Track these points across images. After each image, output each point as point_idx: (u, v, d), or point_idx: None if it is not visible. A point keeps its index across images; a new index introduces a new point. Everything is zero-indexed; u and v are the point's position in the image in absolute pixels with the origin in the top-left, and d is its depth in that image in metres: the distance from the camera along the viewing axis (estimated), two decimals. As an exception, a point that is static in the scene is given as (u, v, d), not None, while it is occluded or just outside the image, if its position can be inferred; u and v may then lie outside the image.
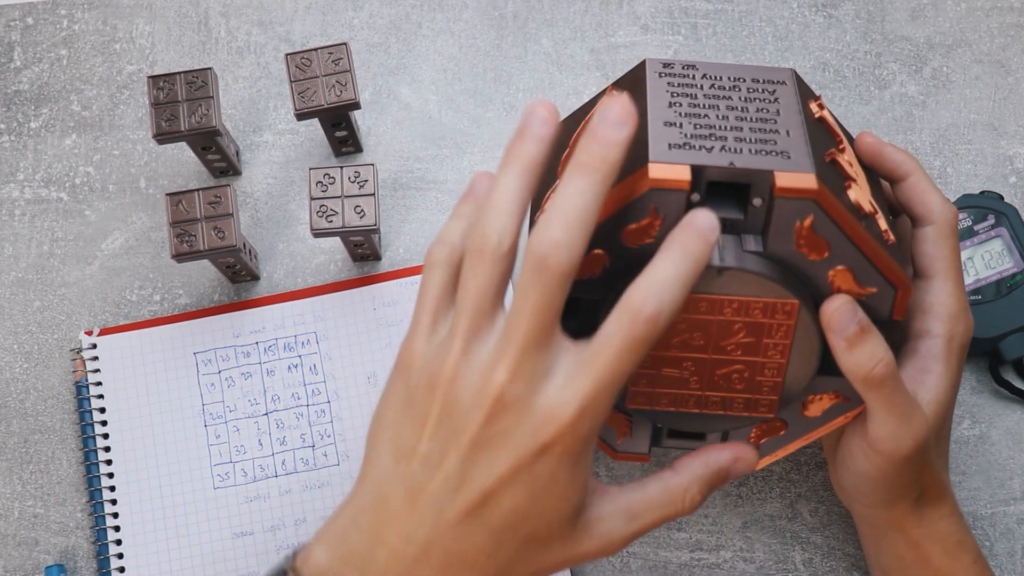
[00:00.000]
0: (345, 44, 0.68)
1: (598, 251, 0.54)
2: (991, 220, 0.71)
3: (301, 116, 0.68)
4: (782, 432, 0.60)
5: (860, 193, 0.54)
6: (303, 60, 0.68)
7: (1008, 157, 0.75)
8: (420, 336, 0.50)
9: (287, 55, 0.68)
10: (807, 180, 0.50)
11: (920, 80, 0.76)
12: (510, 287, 0.73)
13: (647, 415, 0.58)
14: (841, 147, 0.56)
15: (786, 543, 0.69)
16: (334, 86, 0.68)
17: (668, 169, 0.51)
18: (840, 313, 0.52)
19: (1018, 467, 0.70)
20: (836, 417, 0.58)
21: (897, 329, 0.57)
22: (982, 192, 0.72)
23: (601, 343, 0.47)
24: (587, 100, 0.77)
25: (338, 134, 0.73)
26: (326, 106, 0.68)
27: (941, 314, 0.57)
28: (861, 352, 0.52)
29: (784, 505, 0.70)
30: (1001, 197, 0.72)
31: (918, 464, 0.56)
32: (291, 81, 0.68)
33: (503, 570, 0.49)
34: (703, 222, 0.48)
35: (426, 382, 0.48)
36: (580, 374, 0.47)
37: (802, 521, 0.69)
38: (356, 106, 0.68)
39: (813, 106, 0.56)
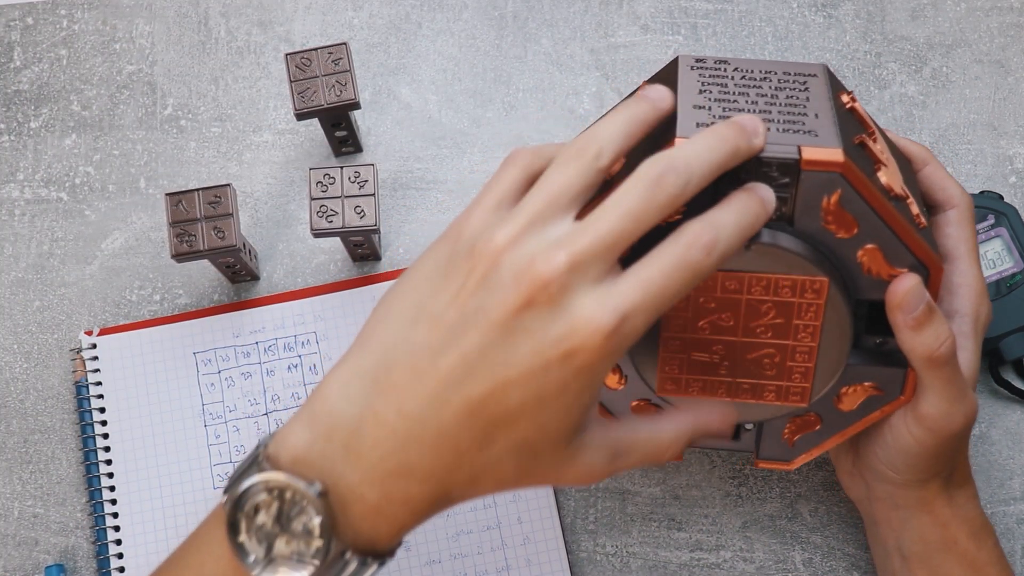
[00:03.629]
0: (345, 44, 0.68)
1: None
2: (991, 220, 0.71)
3: (301, 116, 0.68)
4: (817, 427, 0.59)
5: (891, 176, 0.54)
6: (303, 60, 0.68)
7: (1008, 157, 0.75)
8: (480, 210, 0.47)
9: (287, 55, 0.68)
10: (834, 154, 0.50)
11: (920, 80, 0.76)
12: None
13: (677, 402, 0.58)
14: (872, 135, 0.56)
15: (786, 543, 0.69)
16: (334, 86, 0.68)
17: None
18: (912, 293, 0.52)
19: (1018, 467, 0.70)
20: (873, 411, 0.58)
21: None
22: (982, 192, 0.72)
23: (653, 258, 0.45)
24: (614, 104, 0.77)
25: (338, 134, 0.73)
26: (326, 106, 0.68)
27: (969, 293, 0.59)
28: (928, 332, 0.53)
29: (784, 505, 0.70)
30: (1001, 197, 0.72)
31: (961, 442, 0.57)
32: (291, 81, 0.68)
33: (489, 467, 0.46)
34: (764, 192, 0.49)
35: (473, 246, 0.45)
36: (625, 283, 0.44)
37: (802, 521, 0.69)
38: (356, 106, 0.68)
39: (844, 97, 0.57)
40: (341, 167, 0.66)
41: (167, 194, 0.66)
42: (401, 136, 0.76)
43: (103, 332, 0.72)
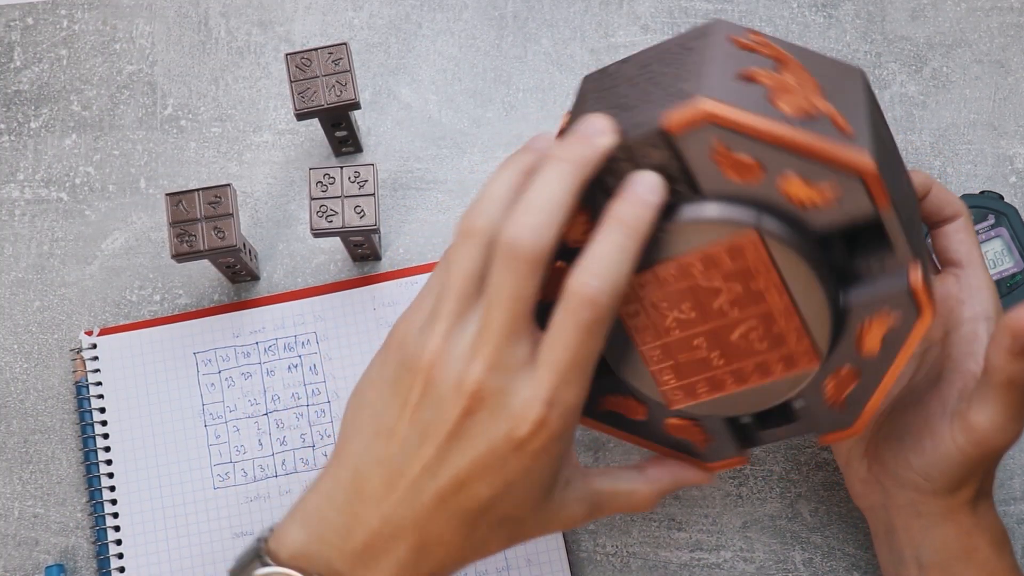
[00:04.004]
0: (345, 44, 0.68)
1: (560, 263, 0.52)
2: (991, 220, 0.71)
3: (301, 116, 0.68)
4: (857, 381, 0.55)
5: (795, 99, 0.49)
6: (303, 60, 0.68)
7: (1008, 157, 0.75)
8: (418, 312, 0.50)
9: (287, 55, 0.68)
10: (692, 108, 0.46)
11: (920, 80, 0.76)
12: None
13: (700, 408, 0.55)
14: (779, 64, 0.51)
15: (786, 543, 0.69)
16: (334, 86, 0.68)
17: None
18: None
19: (1018, 467, 0.70)
20: (902, 342, 0.52)
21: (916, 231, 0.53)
22: (982, 192, 0.72)
23: (552, 335, 0.47)
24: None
25: (338, 134, 0.73)
26: (326, 106, 0.68)
27: (991, 296, 0.59)
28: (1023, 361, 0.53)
29: (784, 505, 0.70)
30: (1001, 197, 0.72)
31: (998, 456, 0.57)
32: (291, 81, 0.68)
33: (477, 547, 0.51)
34: (640, 187, 0.47)
35: (410, 363, 0.49)
36: (540, 368, 0.47)
37: (802, 521, 0.69)
38: (356, 106, 0.68)
39: (740, 39, 0.52)
40: (341, 167, 0.66)
41: (167, 194, 0.66)
42: (401, 136, 0.76)
43: (103, 332, 0.72)
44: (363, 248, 0.71)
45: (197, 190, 0.66)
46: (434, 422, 0.48)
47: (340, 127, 0.72)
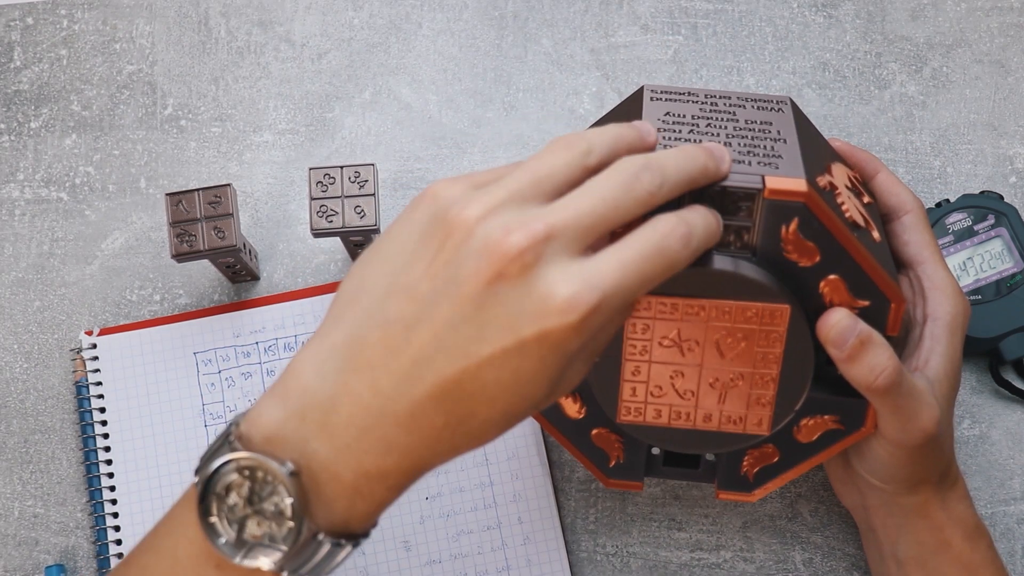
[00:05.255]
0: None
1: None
2: (991, 220, 0.71)
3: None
4: (775, 459, 0.59)
5: (852, 206, 0.54)
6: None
7: (1008, 157, 0.75)
8: (462, 180, 0.45)
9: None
10: (797, 184, 0.50)
11: (920, 80, 0.76)
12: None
13: (638, 430, 0.58)
14: (836, 164, 0.57)
15: (786, 543, 0.69)
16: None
17: None
18: (839, 327, 0.53)
19: (1018, 467, 0.70)
20: (831, 445, 0.58)
21: (895, 344, 0.57)
22: (982, 192, 0.72)
23: (630, 241, 0.44)
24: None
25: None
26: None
27: (940, 296, 0.59)
28: (862, 365, 0.53)
29: (784, 505, 0.70)
30: (1001, 197, 0.72)
31: (930, 449, 0.57)
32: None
33: (471, 436, 0.44)
34: (713, 212, 0.49)
35: (446, 215, 0.43)
36: (603, 261, 0.43)
37: (802, 521, 0.69)
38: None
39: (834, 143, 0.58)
40: (341, 167, 0.66)
41: (167, 194, 0.66)
42: (401, 136, 0.76)
43: (103, 332, 0.72)
44: (364, 248, 0.71)
45: (197, 190, 0.66)
46: (456, 280, 0.42)
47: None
